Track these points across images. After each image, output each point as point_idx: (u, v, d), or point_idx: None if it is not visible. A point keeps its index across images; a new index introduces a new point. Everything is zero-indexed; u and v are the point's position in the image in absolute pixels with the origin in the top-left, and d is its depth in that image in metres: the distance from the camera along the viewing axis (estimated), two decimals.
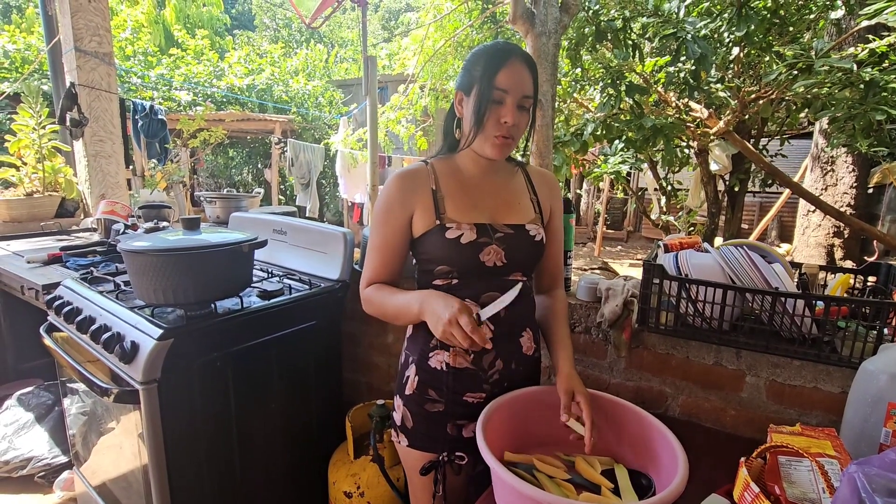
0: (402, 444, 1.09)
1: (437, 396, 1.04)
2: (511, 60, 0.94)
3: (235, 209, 2.36)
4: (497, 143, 0.97)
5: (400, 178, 1.03)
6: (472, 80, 0.97)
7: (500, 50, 0.96)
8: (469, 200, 1.03)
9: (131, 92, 7.07)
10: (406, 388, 1.08)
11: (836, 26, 3.85)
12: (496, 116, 0.95)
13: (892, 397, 0.83)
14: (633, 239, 9.98)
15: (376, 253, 1.05)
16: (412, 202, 1.01)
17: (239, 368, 1.33)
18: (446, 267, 1.01)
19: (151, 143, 4.10)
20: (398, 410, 1.10)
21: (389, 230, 1.03)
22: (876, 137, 2.68)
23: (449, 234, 0.98)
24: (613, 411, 1.00)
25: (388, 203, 1.02)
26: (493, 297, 0.98)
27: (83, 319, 1.33)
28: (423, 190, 1.02)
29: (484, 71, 0.94)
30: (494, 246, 1.00)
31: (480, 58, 0.97)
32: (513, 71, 0.94)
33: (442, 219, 1.00)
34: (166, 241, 1.23)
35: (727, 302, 1.07)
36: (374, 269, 1.06)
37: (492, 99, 0.94)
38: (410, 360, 1.08)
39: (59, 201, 2.80)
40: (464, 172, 1.06)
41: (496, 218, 1.03)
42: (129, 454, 1.30)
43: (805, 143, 5.78)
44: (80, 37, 2.73)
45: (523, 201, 1.08)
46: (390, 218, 1.02)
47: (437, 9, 5.21)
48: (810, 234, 5.33)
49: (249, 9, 20.87)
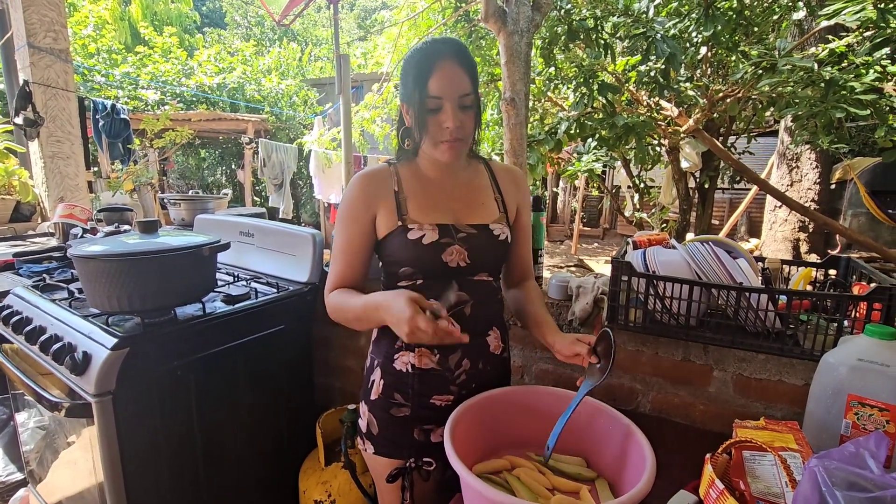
0: (369, 452, 1.07)
1: (403, 400, 1.02)
2: (440, 64, 0.91)
3: (201, 211, 2.29)
4: (445, 147, 0.96)
5: (362, 180, 1.01)
6: (407, 90, 0.95)
7: (428, 55, 0.92)
8: (431, 201, 1.02)
9: (95, 91, 6.81)
10: (371, 393, 1.06)
11: (798, 27, 3.97)
12: (437, 123, 0.93)
13: (851, 389, 0.84)
14: (609, 236, 10.13)
15: (340, 256, 1.03)
16: (375, 203, 1.00)
17: (202, 377, 1.28)
18: (410, 268, 1.00)
19: (114, 144, 3.95)
20: (364, 416, 1.08)
21: (353, 232, 1.01)
22: (836, 135, 2.76)
23: (411, 235, 0.97)
24: (582, 410, 0.99)
25: (351, 204, 1.01)
26: (458, 297, 0.97)
27: (33, 330, 1.26)
28: (385, 191, 1.00)
29: (415, 81, 0.92)
30: (457, 246, 0.99)
31: (410, 67, 0.94)
32: (444, 74, 0.91)
33: (404, 220, 0.99)
34: (122, 245, 1.18)
35: (694, 298, 1.08)
36: (339, 272, 1.03)
37: (428, 109, 0.92)
38: (375, 363, 1.07)
39: (13, 205, 2.67)
40: (426, 173, 1.05)
41: (459, 218, 1.02)
42: (85, 471, 1.23)
43: (771, 140, 5.96)
44: (33, 32, 2.61)
45: (487, 200, 1.07)
46: (353, 219, 1.01)
47: (410, 7, 5.17)
48: (777, 228, 5.49)
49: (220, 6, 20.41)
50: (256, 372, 1.44)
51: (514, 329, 1.40)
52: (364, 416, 1.08)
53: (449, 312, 0.94)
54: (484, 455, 0.99)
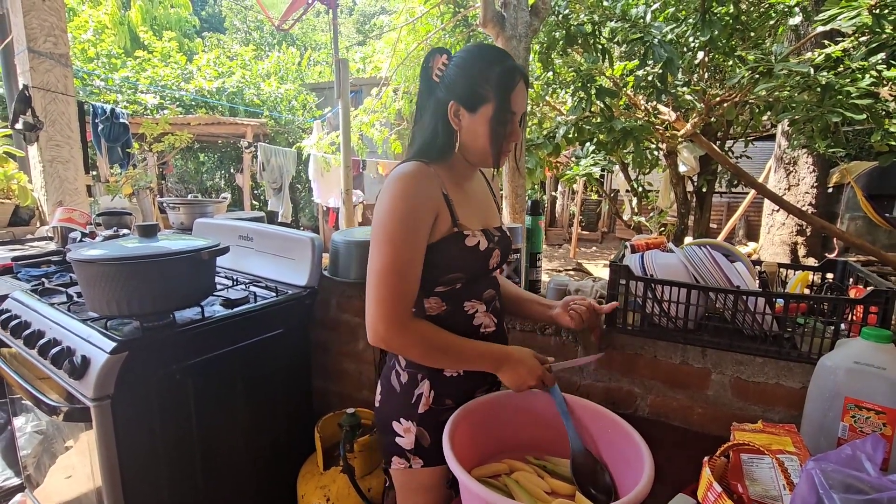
0: (417, 467, 1.01)
1: (453, 403, 1.00)
2: (520, 81, 0.93)
3: (200, 215, 2.29)
4: (503, 159, 0.98)
5: (418, 179, 0.91)
6: (478, 97, 0.91)
7: (512, 70, 0.92)
8: (470, 207, 1.02)
9: (94, 95, 6.82)
10: (419, 407, 1.00)
11: (794, 32, 4.00)
12: (507, 134, 0.95)
13: (848, 392, 0.85)
14: (607, 240, 10.14)
15: (408, 268, 0.90)
16: (434, 205, 0.93)
17: (201, 381, 1.28)
18: (459, 274, 0.97)
19: (113, 148, 3.95)
20: (407, 434, 1.01)
21: (420, 237, 0.91)
22: (833, 139, 2.78)
23: (468, 242, 0.96)
24: (582, 413, 0.99)
25: (415, 208, 0.90)
26: (491, 295, 1.05)
27: (31, 334, 1.26)
28: (438, 193, 0.94)
29: (496, 91, 0.90)
30: (497, 250, 1.02)
31: (488, 73, 0.91)
32: (522, 92, 0.94)
33: (459, 226, 0.95)
34: (121, 249, 1.18)
35: (692, 301, 1.08)
36: (411, 290, 0.91)
37: (504, 121, 0.93)
38: (419, 376, 1.00)
39: (12, 209, 2.67)
40: (459, 177, 1.02)
41: (487, 221, 1.05)
42: (83, 476, 1.23)
43: (769, 144, 5.98)
44: (33, 37, 2.62)
45: (493, 204, 1.12)
46: (419, 225, 0.90)
47: (409, 12, 5.20)
48: (775, 232, 5.51)
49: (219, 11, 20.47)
50: (255, 376, 1.44)
51: (513, 333, 1.40)
52: (408, 433, 1.00)
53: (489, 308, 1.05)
54: (483, 459, 0.99)
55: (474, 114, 0.92)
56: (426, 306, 0.99)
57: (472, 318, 1.02)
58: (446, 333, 0.95)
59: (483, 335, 1.03)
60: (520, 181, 2.99)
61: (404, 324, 0.90)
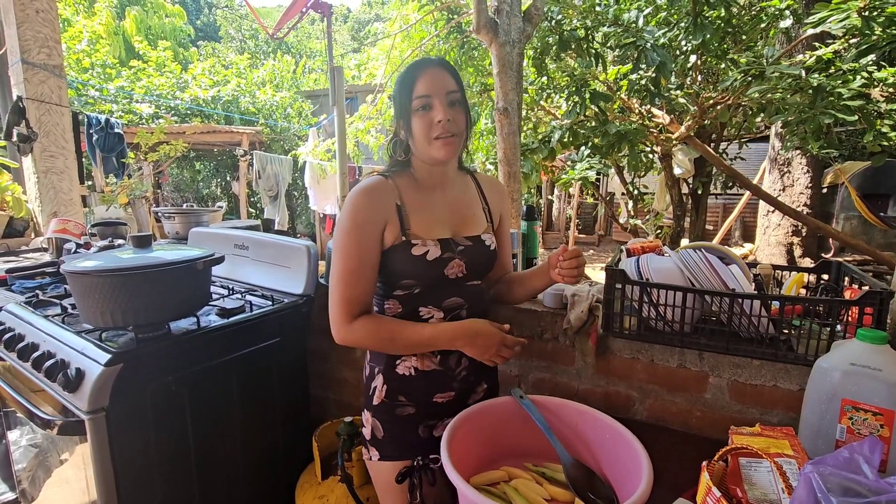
0: (374, 459, 1.08)
1: (408, 401, 1.06)
2: (425, 69, 0.98)
3: (196, 224, 2.29)
4: (439, 143, 0.98)
5: (368, 193, 1.00)
6: (400, 102, 1.00)
7: (414, 66, 1.00)
8: (432, 215, 1.04)
9: (89, 105, 6.82)
10: (374, 399, 1.08)
11: (785, 34, 4.03)
12: (429, 120, 0.97)
13: (845, 394, 0.85)
14: (604, 243, 10.16)
15: (356, 275, 0.99)
16: (383, 217, 1.00)
17: (197, 392, 1.27)
18: (411, 281, 1.02)
19: (108, 158, 3.95)
20: (367, 424, 1.09)
21: (365, 248, 0.99)
22: (826, 140, 2.80)
23: (415, 251, 0.99)
24: (579, 419, 0.99)
25: (360, 220, 0.98)
26: (455, 304, 1.06)
27: (25, 346, 1.25)
28: (389, 204, 1.01)
29: (403, 89, 0.98)
30: (457, 260, 1.03)
31: (400, 81, 1.00)
32: (430, 76, 0.97)
33: (407, 235, 1.00)
34: (115, 260, 1.17)
35: (688, 304, 1.08)
36: (358, 294, 1.00)
37: (418, 109, 0.97)
38: (376, 370, 1.08)
39: (6, 221, 2.66)
40: (423, 185, 1.06)
41: (457, 231, 1.06)
42: (78, 490, 1.22)
43: (763, 146, 6.02)
44: (27, 48, 2.62)
45: (477, 212, 1.12)
46: (368, 234, 0.99)
47: (404, 19, 5.23)
48: (771, 233, 5.53)
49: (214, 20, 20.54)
50: (251, 385, 1.43)
51: None
52: (367, 423, 1.09)
53: (447, 316, 1.05)
54: (481, 466, 0.99)
55: (402, 119, 1.00)
56: (386, 307, 1.06)
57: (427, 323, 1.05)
58: (393, 323, 1.01)
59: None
60: (515, 186, 3.00)
61: (350, 322, 0.99)
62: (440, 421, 1.09)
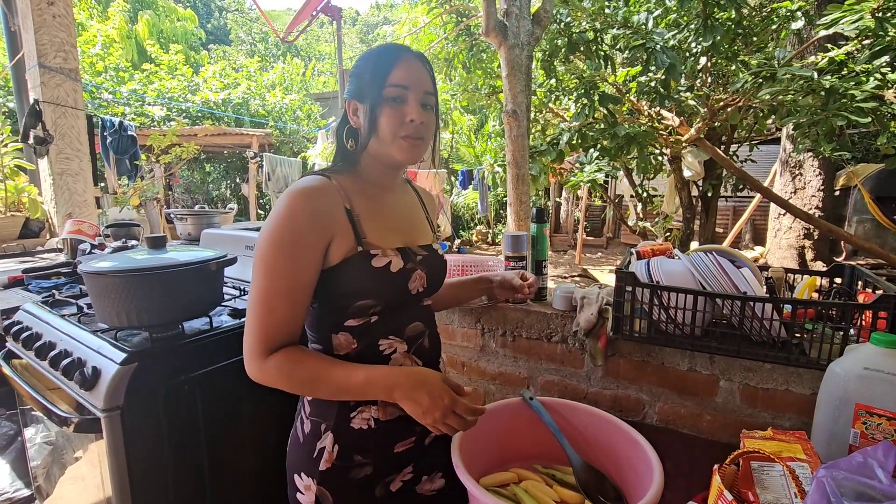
0: None
1: (365, 458, 0.87)
2: (405, 57, 0.84)
3: (207, 226, 2.31)
4: (405, 144, 0.84)
5: (307, 196, 0.80)
6: (362, 84, 0.84)
7: (390, 48, 0.86)
8: (385, 222, 0.89)
9: (102, 108, 6.93)
10: (320, 464, 0.87)
11: (797, 36, 4.00)
12: (399, 115, 0.83)
13: (859, 398, 0.84)
14: (612, 245, 10.12)
15: (283, 298, 0.79)
16: (329, 225, 0.81)
17: (209, 392, 1.28)
18: (370, 301, 0.85)
19: (121, 160, 4.01)
20: (307, 493, 0.89)
21: (302, 265, 0.79)
22: (839, 142, 2.77)
23: (375, 263, 0.83)
24: (590, 421, 0.99)
25: (299, 228, 0.78)
26: (417, 331, 0.92)
27: (42, 345, 1.28)
28: (337, 209, 0.83)
29: (375, 72, 0.83)
30: (419, 271, 0.90)
31: (369, 60, 0.85)
32: (409, 66, 0.84)
33: (364, 244, 0.84)
34: (130, 261, 1.19)
35: (698, 308, 1.08)
36: (279, 323, 0.80)
37: (390, 98, 0.83)
38: (323, 427, 0.88)
39: (22, 222, 2.71)
40: (372, 188, 0.91)
41: (411, 240, 0.93)
42: (93, 486, 1.24)
43: (774, 148, 5.97)
44: (44, 53, 2.67)
45: (423, 221, 1.02)
46: (304, 248, 0.79)
47: (412, 22, 5.26)
48: (782, 236, 5.47)
49: (225, 23, 20.76)
50: (263, 385, 1.44)
51: (519, 340, 1.40)
52: (308, 491, 0.88)
53: (411, 348, 0.90)
54: (491, 468, 0.99)
55: (364, 103, 0.85)
56: (334, 343, 0.87)
57: (388, 360, 0.88)
58: (314, 361, 0.81)
59: None
60: (524, 188, 3.00)
61: (261, 358, 0.81)
62: (398, 473, 0.92)
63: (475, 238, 10.21)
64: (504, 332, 1.42)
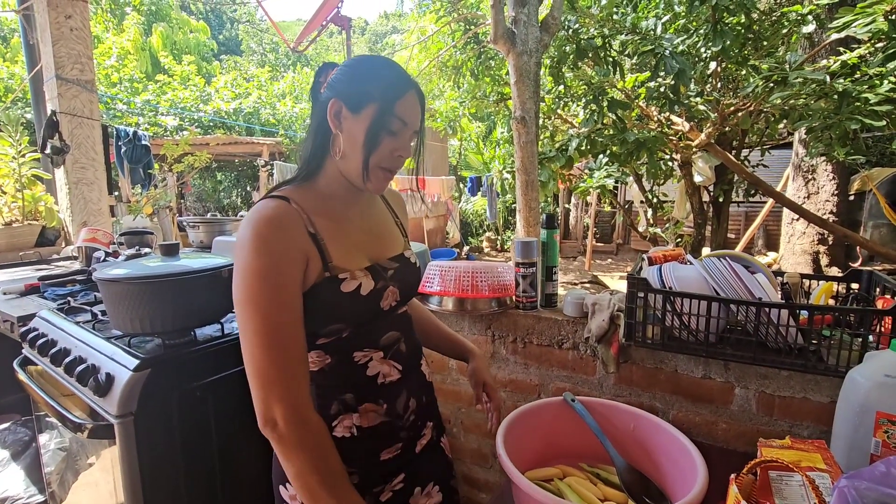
0: None
1: (351, 468, 0.82)
2: (411, 91, 0.83)
3: (219, 233, 2.34)
4: (381, 175, 0.84)
5: (273, 222, 0.76)
6: (363, 95, 0.80)
7: (400, 75, 0.84)
8: (350, 240, 0.86)
9: (117, 118, 7.06)
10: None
11: (808, 40, 3.96)
12: (391, 148, 0.82)
13: (880, 406, 0.82)
14: (622, 251, 10.04)
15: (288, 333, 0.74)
16: (301, 249, 0.78)
17: (221, 398, 1.29)
18: (340, 325, 0.83)
19: (135, 169, 4.07)
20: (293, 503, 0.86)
21: (290, 296, 0.75)
22: (852, 146, 2.74)
23: (345, 287, 0.80)
24: (635, 423, 1.00)
25: (276, 254, 0.74)
26: (393, 339, 0.90)
27: (57, 352, 1.29)
28: (302, 235, 0.79)
29: (383, 92, 0.80)
30: (392, 287, 0.88)
31: (376, 74, 0.82)
32: (414, 102, 0.83)
33: (331, 268, 0.81)
34: (144, 269, 1.21)
35: (712, 314, 1.07)
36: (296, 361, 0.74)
37: (389, 129, 0.81)
38: None
39: (39, 230, 2.76)
40: (331, 204, 0.86)
41: (377, 254, 0.90)
42: (106, 492, 1.24)
43: (786, 152, 5.90)
44: (61, 65, 2.73)
45: (393, 228, 0.99)
46: (285, 280, 0.74)
47: (421, 31, 5.30)
48: (796, 241, 5.40)
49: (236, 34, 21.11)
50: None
51: (530, 347, 1.39)
52: (294, 501, 0.86)
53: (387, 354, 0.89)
54: (536, 463, 1.00)
55: (358, 115, 0.80)
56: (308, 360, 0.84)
57: (366, 368, 0.87)
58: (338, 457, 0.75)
59: (382, 386, 0.88)
60: (533, 194, 3.00)
61: (306, 414, 0.74)
62: (387, 484, 0.90)
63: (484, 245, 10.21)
64: (515, 338, 1.41)
